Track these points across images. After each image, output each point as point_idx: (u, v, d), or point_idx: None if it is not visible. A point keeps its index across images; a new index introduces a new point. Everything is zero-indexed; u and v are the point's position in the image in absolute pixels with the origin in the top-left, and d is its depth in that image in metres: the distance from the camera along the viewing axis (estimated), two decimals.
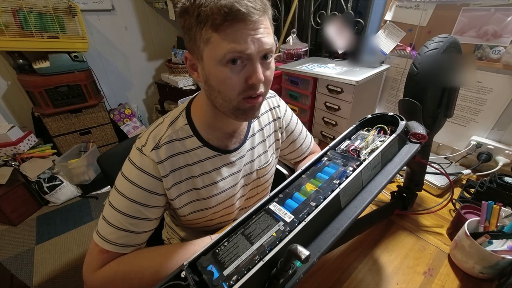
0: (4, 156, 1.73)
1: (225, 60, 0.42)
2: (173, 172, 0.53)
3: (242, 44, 0.41)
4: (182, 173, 0.54)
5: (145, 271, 0.48)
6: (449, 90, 0.58)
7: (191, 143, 0.55)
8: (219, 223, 0.67)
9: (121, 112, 2.29)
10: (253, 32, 0.41)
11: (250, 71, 0.44)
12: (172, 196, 0.54)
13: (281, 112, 0.70)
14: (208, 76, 0.46)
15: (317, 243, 0.36)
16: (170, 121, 0.55)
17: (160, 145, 0.52)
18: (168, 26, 2.42)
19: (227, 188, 0.61)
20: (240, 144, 0.61)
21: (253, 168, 0.65)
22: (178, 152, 0.53)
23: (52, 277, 1.38)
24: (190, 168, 0.55)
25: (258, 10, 0.41)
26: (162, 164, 0.51)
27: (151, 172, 0.51)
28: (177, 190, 0.55)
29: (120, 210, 0.50)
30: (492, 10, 0.78)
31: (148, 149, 0.51)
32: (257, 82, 0.44)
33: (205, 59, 0.44)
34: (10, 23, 1.53)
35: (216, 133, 0.57)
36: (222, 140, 0.58)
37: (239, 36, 0.41)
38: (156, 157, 0.51)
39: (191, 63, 0.49)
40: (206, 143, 0.56)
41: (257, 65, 0.44)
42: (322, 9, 1.36)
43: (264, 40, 0.43)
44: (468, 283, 0.54)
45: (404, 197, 0.71)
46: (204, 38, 0.42)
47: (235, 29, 0.40)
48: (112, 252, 0.50)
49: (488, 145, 0.86)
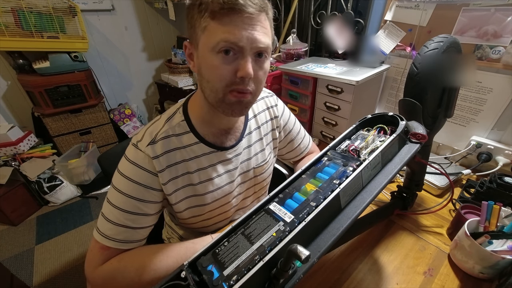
0: (4, 156, 1.73)
1: (217, 48, 0.43)
2: (169, 167, 0.53)
3: (236, 35, 0.42)
4: (178, 169, 0.55)
5: (145, 269, 0.49)
6: (449, 90, 0.58)
7: (187, 139, 0.55)
8: (216, 223, 0.67)
9: (121, 112, 2.29)
10: (249, 26, 0.42)
11: (240, 64, 0.44)
12: (168, 191, 0.55)
13: (278, 111, 0.70)
14: (200, 64, 0.47)
15: (317, 243, 0.36)
16: (167, 117, 0.56)
17: (157, 141, 0.52)
18: (168, 26, 2.42)
19: (223, 185, 0.61)
20: (236, 141, 0.61)
21: (250, 166, 0.65)
22: (174, 148, 0.54)
23: (52, 277, 1.38)
24: (187, 163, 0.55)
25: (256, 5, 0.42)
26: (158, 159, 0.51)
27: (145, 167, 0.51)
28: (173, 185, 0.55)
29: (117, 206, 0.50)
30: (492, 10, 0.78)
31: (144, 144, 0.52)
32: (246, 75, 0.44)
33: (200, 47, 0.46)
34: (10, 23, 1.54)
35: (211, 129, 0.57)
36: (218, 137, 0.58)
37: (234, 27, 0.42)
38: (152, 152, 0.51)
39: (189, 52, 0.50)
40: (203, 139, 0.56)
41: (248, 59, 0.44)
42: (322, 9, 1.35)
43: (258, 37, 0.43)
44: (468, 283, 0.54)
45: (404, 197, 0.71)
46: (202, 25, 0.43)
47: (231, 19, 0.41)
48: (113, 248, 0.51)
49: (488, 145, 0.86)
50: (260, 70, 0.47)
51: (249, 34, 0.42)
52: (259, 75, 0.48)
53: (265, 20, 0.45)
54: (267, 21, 0.45)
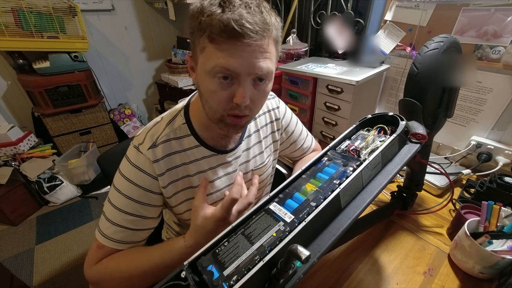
0: (4, 156, 1.73)
1: (213, 73, 0.42)
2: (169, 170, 0.53)
3: (232, 62, 0.40)
4: (178, 172, 0.55)
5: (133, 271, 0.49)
6: (449, 90, 0.58)
7: (188, 142, 0.55)
8: None
9: (121, 112, 2.29)
10: (247, 54, 0.40)
11: (236, 90, 0.43)
12: (168, 194, 0.55)
13: (280, 113, 0.70)
14: (199, 83, 0.47)
15: (317, 243, 0.36)
16: (168, 120, 0.56)
17: (157, 144, 0.52)
18: (168, 26, 2.42)
19: (222, 187, 0.62)
20: (236, 145, 0.61)
21: (249, 168, 0.66)
22: (174, 151, 0.54)
23: (52, 277, 1.38)
24: (187, 167, 0.56)
25: (256, 33, 0.39)
26: (158, 163, 0.52)
27: (146, 170, 0.51)
28: (173, 188, 0.55)
29: (117, 206, 0.51)
30: (492, 10, 0.78)
31: (145, 147, 0.52)
32: (241, 103, 0.43)
33: (198, 66, 0.45)
34: (10, 23, 1.53)
35: (211, 134, 0.57)
36: (218, 141, 0.58)
37: (232, 54, 0.40)
38: (152, 156, 0.51)
39: (191, 65, 0.50)
40: (203, 143, 0.56)
41: (245, 86, 0.43)
42: (322, 9, 1.35)
43: (257, 64, 0.41)
44: (468, 283, 0.54)
45: (404, 197, 0.71)
46: (201, 45, 0.42)
47: (229, 45, 0.39)
48: (108, 247, 0.51)
49: (488, 145, 0.86)
50: (259, 94, 0.46)
51: (247, 61, 0.41)
52: (258, 98, 0.47)
53: (268, 45, 0.42)
54: (271, 45, 0.43)
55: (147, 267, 0.48)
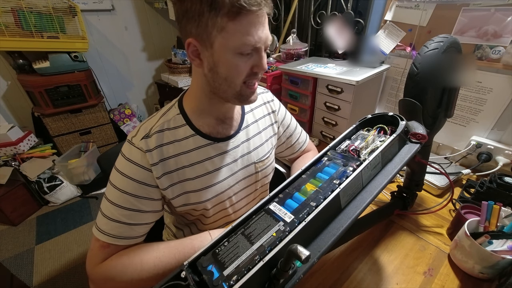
0: (4, 156, 1.73)
1: (242, 49, 0.45)
2: (162, 161, 0.53)
3: (255, 38, 0.44)
4: (172, 163, 0.55)
5: (144, 266, 0.49)
6: (449, 90, 0.58)
7: (183, 132, 0.56)
8: (214, 221, 0.67)
9: (121, 112, 2.29)
10: (262, 26, 0.45)
11: (257, 61, 0.48)
12: (163, 186, 0.54)
13: (275, 106, 0.71)
14: (217, 63, 0.47)
15: (317, 243, 0.36)
16: (162, 113, 0.57)
17: (151, 135, 0.53)
18: (168, 26, 2.42)
19: (223, 179, 0.61)
20: (233, 132, 0.61)
21: (251, 160, 0.65)
22: (168, 142, 0.54)
23: (52, 277, 1.38)
24: (181, 157, 0.55)
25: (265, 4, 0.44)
26: (151, 153, 0.52)
27: (139, 162, 0.52)
28: (168, 180, 0.55)
29: (112, 201, 0.51)
30: (492, 10, 0.78)
31: (138, 138, 0.52)
32: (263, 71, 0.50)
33: (216, 47, 0.45)
34: (10, 23, 1.53)
35: (207, 119, 0.57)
36: (213, 127, 0.58)
37: (253, 29, 0.44)
38: (145, 146, 0.51)
39: (194, 49, 0.48)
40: (198, 131, 0.56)
41: (264, 56, 0.48)
42: (322, 9, 1.35)
43: (268, 34, 0.47)
44: (468, 283, 0.54)
45: (404, 197, 0.71)
46: (218, 25, 0.43)
47: (249, 21, 0.43)
48: (112, 245, 0.51)
49: (488, 145, 0.86)
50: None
51: (263, 34, 0.45)
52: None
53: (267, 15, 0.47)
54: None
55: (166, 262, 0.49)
